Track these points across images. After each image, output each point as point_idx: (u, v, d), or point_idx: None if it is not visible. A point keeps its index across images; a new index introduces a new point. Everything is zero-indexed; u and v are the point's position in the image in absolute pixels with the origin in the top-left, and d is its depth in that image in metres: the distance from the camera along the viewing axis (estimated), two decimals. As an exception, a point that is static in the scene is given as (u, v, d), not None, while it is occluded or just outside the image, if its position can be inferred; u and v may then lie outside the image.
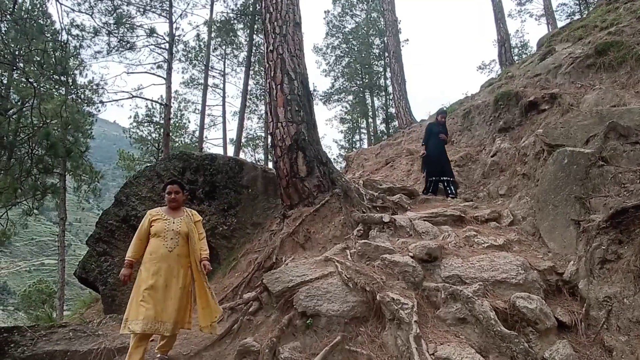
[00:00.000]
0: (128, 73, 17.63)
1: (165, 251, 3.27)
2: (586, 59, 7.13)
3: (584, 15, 13.45)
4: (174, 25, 17.15)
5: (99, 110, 17.36)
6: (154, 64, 17.49)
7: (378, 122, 27.06)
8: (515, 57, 19.01)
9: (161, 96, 18.59)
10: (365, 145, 24.65)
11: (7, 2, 9.01)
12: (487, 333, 2.93)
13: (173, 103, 19.68)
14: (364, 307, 3.38)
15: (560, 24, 16.28)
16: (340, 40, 27.48)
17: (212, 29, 19.53)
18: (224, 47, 22.38)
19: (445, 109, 8.97)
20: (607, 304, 3.07)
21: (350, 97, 27.90)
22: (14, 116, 12.86)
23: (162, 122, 18.80)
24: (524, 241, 4.39)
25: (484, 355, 2.81)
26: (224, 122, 22.24)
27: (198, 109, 21.68)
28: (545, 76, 7.88)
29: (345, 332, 3.22)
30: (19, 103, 12.92)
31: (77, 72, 15.13)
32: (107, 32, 13.83)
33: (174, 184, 3.54)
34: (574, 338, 3.06)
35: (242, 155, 20.92)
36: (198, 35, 21.12)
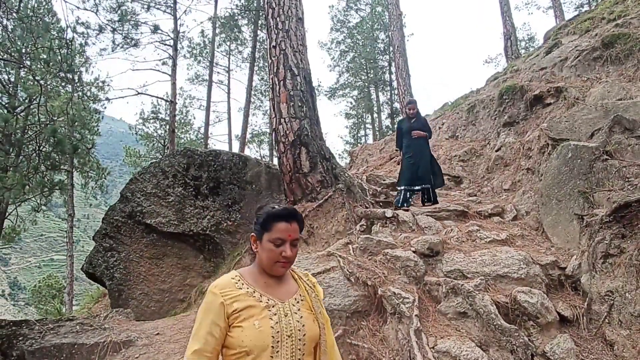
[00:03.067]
0: (133, 70, 17.61)
1: None
2: (592, 51, 7.03)
3: (592, 7, 13.25)
4: (179, 22, 17.15)
5: (105, 107, 17.51)
6: (159, 60, 17.62)
7: (383, 117, 26.95)
8: (522, 51, 18.80)
9: (166, 93, 18.67)
10: (370, 141, 24.57)
11: (13, 0, 9.10)
12: (487, 327, 2.94)
13: (178, 99, 19.75)
14: (366, 301, 3.41)
15: (568, 16, 16.05)
16: (344, 35, 27.34)
17: (217, 25, 19.52)
18: (228, 43, 22.42)
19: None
20: (609, 298, 3.06)
21: (355, 93, 27.81)
22: (21, 114, 13.02)
23: (167, 118, 18.91)
24: (527, 236, 4.39)
25: (484, 348, 2.83)
26: (229, 119, 22.30)
27: (203, 106, 21.73)
28: (551, 69, 7.79)
29: (346, 326, 3.25)
30: (26, 101, 13.06)
31: (82, 69, 15.23)
32: (111, 29, 13.85)
33: (291, 220, 1.45)
34: (576, 332, 3.07)
35: (247, 152, 20.99)
36: (202, 31, 21.28)
